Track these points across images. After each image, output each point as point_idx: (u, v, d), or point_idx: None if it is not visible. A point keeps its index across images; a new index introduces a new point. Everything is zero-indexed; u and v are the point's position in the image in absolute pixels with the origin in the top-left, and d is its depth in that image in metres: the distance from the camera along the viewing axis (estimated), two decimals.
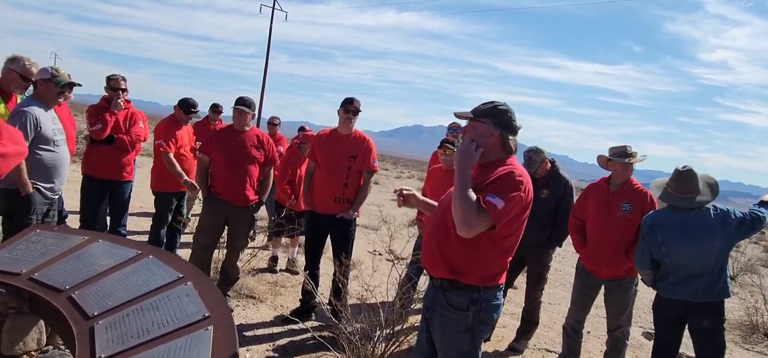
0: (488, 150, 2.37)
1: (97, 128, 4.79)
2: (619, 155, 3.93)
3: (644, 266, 3.49)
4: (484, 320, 2.37)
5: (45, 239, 3.12)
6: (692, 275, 3.29)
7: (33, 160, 3.64)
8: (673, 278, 3.36)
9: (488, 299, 2.36)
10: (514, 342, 4.73)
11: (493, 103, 2.42)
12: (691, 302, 3.30)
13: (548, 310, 6.10)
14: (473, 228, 2.15)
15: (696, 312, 3.30)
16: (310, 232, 4.68)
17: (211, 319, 2.12)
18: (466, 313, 2.33)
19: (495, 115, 2.37)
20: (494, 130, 2.35)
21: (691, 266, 3.29)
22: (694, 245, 3.28)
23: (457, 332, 2.35)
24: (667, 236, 3.36)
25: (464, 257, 2.31)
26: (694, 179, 3.33)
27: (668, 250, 3.36)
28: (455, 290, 2.35)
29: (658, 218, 3.48)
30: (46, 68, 3.78)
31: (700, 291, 3.27)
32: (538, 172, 4.52)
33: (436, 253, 2.39)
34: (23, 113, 3.59)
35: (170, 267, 2.68)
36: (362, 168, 4.53)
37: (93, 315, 2.34)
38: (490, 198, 2.16)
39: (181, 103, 5.49)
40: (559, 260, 9.42)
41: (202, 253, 4.60)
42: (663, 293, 3.44)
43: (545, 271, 4.67)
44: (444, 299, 2.37)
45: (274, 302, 5.03)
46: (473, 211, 2.14)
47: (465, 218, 2.14)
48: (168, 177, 5.32)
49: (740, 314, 6.51)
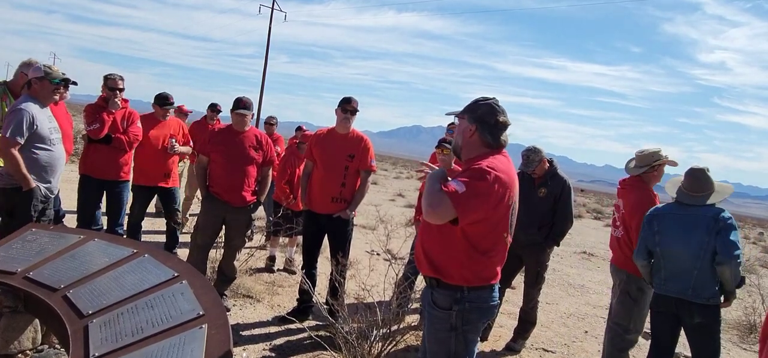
0: (467, 146, 2.39)
1: (94, 128, 4.78)
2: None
3: (640, 257, 3.53)
4: (470, 321, 2.35)
5: (40, 238, 3.12)
6: (681, 271, 3.32)
7: (29, 159, 3.64)
8: (664, 272, 3.40)
9: (474, 299, 2.33)
10: (512, 342, 4.72)
11: (477, 99, 2.44)
12: (683, 300, 3.31)
13: (546, 309, 6.10)
14: (436, 211, 2.16)
15: (689, 310, 3.30)
16: (307, 231, 4.67)
17: (206, 317, 2.11)
18: (449, 312, 2.33)
19: (472, 110, 2.39)
20: (470, 125, 2.37)
21: (680, 259, 3.32)
22: (685, 239, 3.31)
23: (442, 330, 2.36)
24: (662, 226, 3.42)
25: (443, 255, 2.32)
26: (705, 179, 3.36)
27: (660, 239, 3.42)
28: (440, 289, 2.36)
29: (659, 209, 3.53)
30: (39, 66, 3.77)
31: (690, 289, 3.28)
32: (536, 171, 4.52)
33: (421, 251, 2.43)
34: (19, 111, 3.59)
35: (166, 266, 2.68)
36: (360, 168, 4.53)
37: (87, 314, 2.34)
38: (452, 182, 2.19)
39: (156, 99, 5.59)
40: (557, 260, 9.43)
41: (199, 252, 4.60)
42: (657, 288, 3.48)
43: (543, 270, 4.66)
44: (431, 297, 2.41)
45: (271, 302, 5.02)
46: (436, 194, 2.17)
47: (428, 201, 2.18)
48: (142, 171, 5.37)
49: (738, 314, 6.50)
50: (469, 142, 2.39)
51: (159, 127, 5.46)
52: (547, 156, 4.59)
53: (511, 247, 2.52)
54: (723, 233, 3.20)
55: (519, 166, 4.61)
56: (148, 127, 5.34)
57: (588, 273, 9.17)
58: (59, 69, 3.90)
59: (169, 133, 5.50)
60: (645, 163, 3.85)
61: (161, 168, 5.44)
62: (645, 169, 3.85)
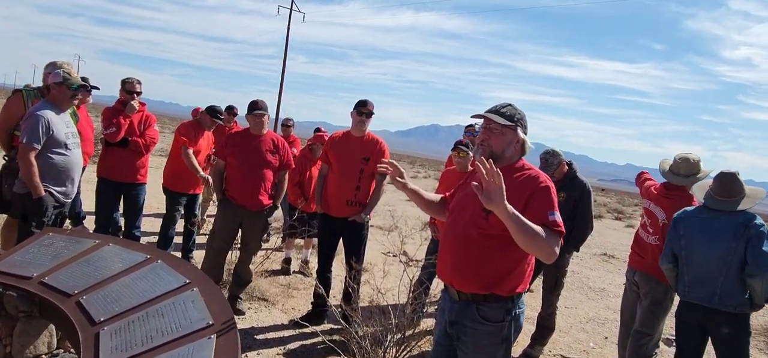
0: (511, 153, 2.33)
1: (111, 131, 4.84)
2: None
3: (665, 261, 3.44)
4: (517, 329, 2.34)
5: (56, 243, 3.14)
6: (706, 277, 3.20)
7: (45, 164, 3.68)
8: (687, 278, 3.30)
9: (520, 306, 2.34)
10: (529, 348, 4.63)
11: (510, 105, 2.35)
12: (709, 309, 3.19)
13: (564, 314, 5.98)
14: (557, 250, 2.11)
15: (715, 320, 3.19)
16: (322, 235, 4.66)
17: (215, 327, 2.09)
18: (502, 324, 2.27)
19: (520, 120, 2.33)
20: (520, 136, 2.32)
21: (704, 265, 3.21)
22: (710, 244, 3.20)
23: (493, 344, 2.29)
24: (688, 229, 3.33)
25: (500, 268, 2.24)
26: (735, 183, 3.25)
27: (686, 243, 3.32)
28: (490, 303, 2.27)
29: (687, 212, 3.43)
30: (58, 71, 3.78)
31: (716, 296, 3.16)
32: (555, 174, 4.42)
33: (466, 267, 2.28)
34: (35, 117, 3.62)
35: (178, 272, 2.66)
36: (375, 171, 4.49)
37: (99, 321, 2.33)
38: (551, 216, 2.13)
39: (208, 110, 5.68)
40: (576, 262, 9.27)
41: (215, 256, 4.62)
42: (682, 295, 3.37)
43: (562, 276, 4.56)
44: (477, 312, 2.28)
45: (285, 305, 5.01)
46: (551, 241, 2.09)
47: (547, 253, 2.09)
48: (181, 177, 5.38)
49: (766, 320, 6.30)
50: (513, 149, 2.33)
51: (205, 138, 5.67)
52: (565, 159, 4.49)
53: None
54: (754, 242, 3.05)
55: None
56: (196, 136, 5.51)
57: (608, 276, 8.98)
58: (77, 75, 3.93)
59: (205, 145, 5.69)
60: (699, 176, 3.72)
61: (194, 175, 5.50)
62: (691, 180, 3.74)
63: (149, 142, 5.08)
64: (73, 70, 3.94)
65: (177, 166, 5.45)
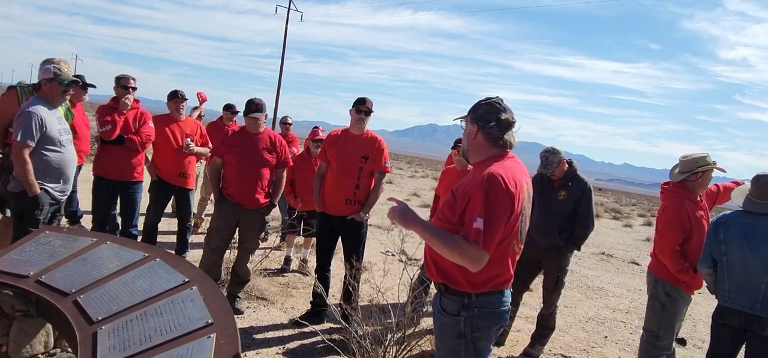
0: (473, 149, 2.32)
1: (106, 130, 4.79)
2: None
3: (704, 264, 3.39)
4: (479, 327, 2.26)
5: (53, 241, 3.11)
6: (747, 283, 3.14)
7: (40, 161, 3.63)
8: (728, 284, 3.23)
9: (482, 305, 2.25)
10: (529, 347, 4.60)
11: (479, 99, 2.37)
12: (752, 315, 3.13)
13: (564, 313, 5.96)
14: (478, 260, 2.07)
15: (760, 323, 3.11)
16: (321, 233, 4.63)
17: (214, 326, 2.06)
18: (457, 318, 2.25)
19: (473, 111, 2.32)
20: (472, 126, 2.30)
21: (746, 271, 3.15)
22: (753, 250, 3.13)
23: (451, 337, 2.29)
24: (728, 235, 3.27)
25: (450, 262, 2.20)
26: None
27: (727, 249, 3.26)
28: (448, 295, 2.29)
29: (727, 217, 3.37)
30: (49, 67, 3.71)
31: (758, 303, 3.10)
32: (555, 173, 4.39)
33: (428, 256, 2.36)
34: (28, 114, 3.57)
35: (176, 271, 2.64)
36: (374, 169, 4.46)
37: (97, 320, 2.30)
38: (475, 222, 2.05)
39: (168, 95, 5.52)
40: (574, 261, 9.25)
41: (213, 255, 4.58)
42: (722, 300, 3.31)
43: (563, 275, 4.52)
44: (439, 303, 2.34)
45: (284, 304, 4.98)
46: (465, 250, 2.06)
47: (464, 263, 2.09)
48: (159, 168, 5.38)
49: None
50: (473, 144, 2.30)
51: (175, 126, 5.42)
52: (566, 157, 4.46)
53: (531, 251, 2.44)
54: None
55: (537, 168, 4.49)
56: (163, 126, 5.32)
57: (607, 275, 8.98)
58: (70, 71, 3.87)
59: (186, 132, 5.47)
60: (687, 169, 3.69)
61: (177, 167, 5.41)
62: (687, 175, 3.70)
63: (145, 139, 5.03)
64: (67, 66, 3.87)
65: (154, 160, 5.43)
